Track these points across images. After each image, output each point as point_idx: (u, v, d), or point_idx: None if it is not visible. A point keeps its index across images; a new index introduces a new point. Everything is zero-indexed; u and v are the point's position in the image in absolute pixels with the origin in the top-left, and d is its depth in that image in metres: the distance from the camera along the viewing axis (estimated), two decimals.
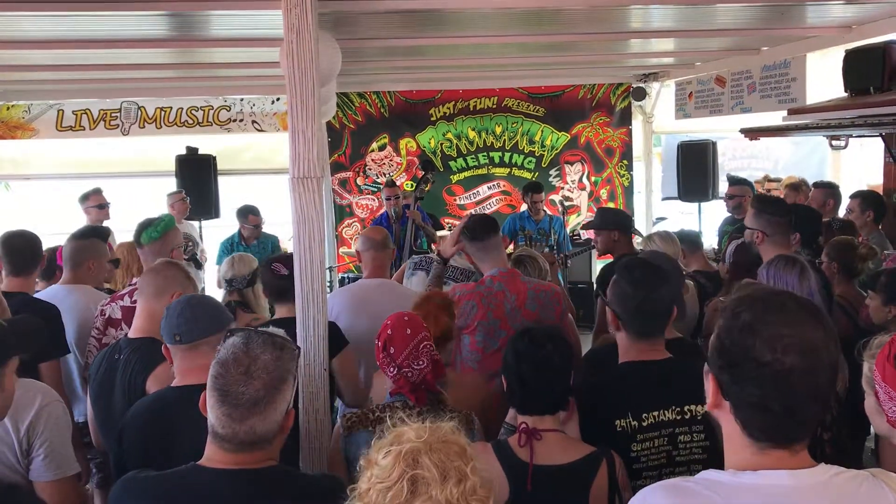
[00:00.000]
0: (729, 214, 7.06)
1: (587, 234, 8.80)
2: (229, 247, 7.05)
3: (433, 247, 6.37)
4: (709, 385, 1.55)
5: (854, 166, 10.74)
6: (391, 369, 2.57)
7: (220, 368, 1.89)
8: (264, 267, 3.74)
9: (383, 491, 1.51)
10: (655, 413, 2.40)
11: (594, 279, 7.82)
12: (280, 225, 9.16)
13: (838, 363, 1.47)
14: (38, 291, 4.29)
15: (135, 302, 3.64)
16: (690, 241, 5.03)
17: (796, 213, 4.50)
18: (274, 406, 1.88)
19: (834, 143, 5.74)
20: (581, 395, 2.48)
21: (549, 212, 8.09)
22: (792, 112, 5.79)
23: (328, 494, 1.93)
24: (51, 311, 3.64)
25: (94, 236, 4.25)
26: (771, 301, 1.50)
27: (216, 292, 6.01)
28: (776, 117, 6.19)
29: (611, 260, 5.42)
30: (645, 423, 2.39)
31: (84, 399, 4.02)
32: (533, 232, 7.57)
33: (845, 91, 5.24)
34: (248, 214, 7.29)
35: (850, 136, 5.58)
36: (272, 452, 1.94)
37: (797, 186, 6.82)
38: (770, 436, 1.47)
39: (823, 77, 6.29)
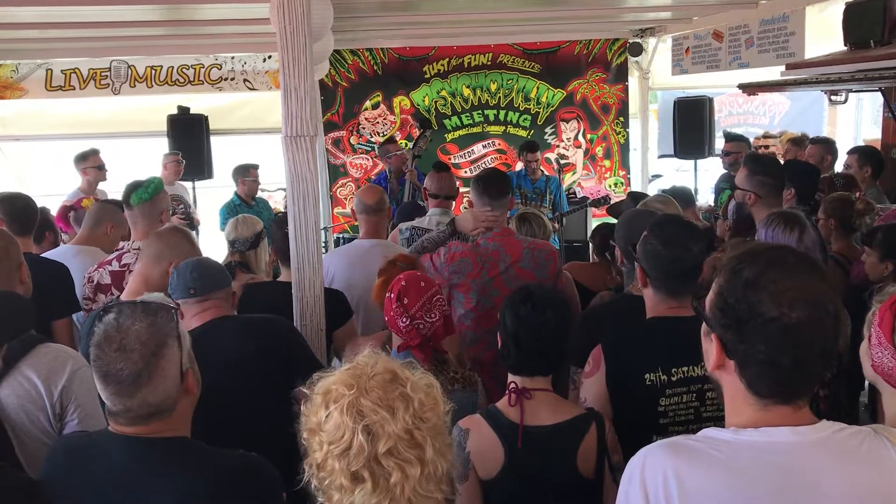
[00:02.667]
0: (725, 171, 7.03)
1: (583, 192, 8.79)
2: (233, 209, 7.05)
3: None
4: (711, 346, 1.53)
5: (850, 122, 10.68)
6: (403, 320, 2.56)
7: (96, 350, 1.84)
8: (276, 225, 3.76)
9: (343, 453, 1.49)
10: (685, 368, 2.39)
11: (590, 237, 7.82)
12: (273, 185, 9.11)
13: (842, 316, 1.45)
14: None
15: (123, 266, 3.70)
16: (682, 197, 5.02)
17: (792, 167, 4.47)
18: (160, 373, 1.83)
19: (833, 97, 5.69)
20: (609, 348, 2.47)
21: (545, 171, 8.04)
22: (790, 67, 5.72)
23: (239, 475, 1.89)
24: (61, 270, 3.72)
25: (114, 203, 4.33)
26: (771, 256, 1.49)
27: (216, 257, 6.00)
28: (774, 72, 6.12)
29: (606, 218, 5.43)
30: (674, 378, 2.38)
31: None
32: (529, 191, 7.52)
33: (845, 45, 5.17)
34: (250, 169, 7.32)
35: (850, 90, 5.53)
36: (176, 422, 1.90)
37: (799, 141, 6.79)
38: (776, 391, 1.47)
39: (823, 31, 6.20)
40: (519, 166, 8.05)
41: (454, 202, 5.00)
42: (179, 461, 1.87)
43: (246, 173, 7.35)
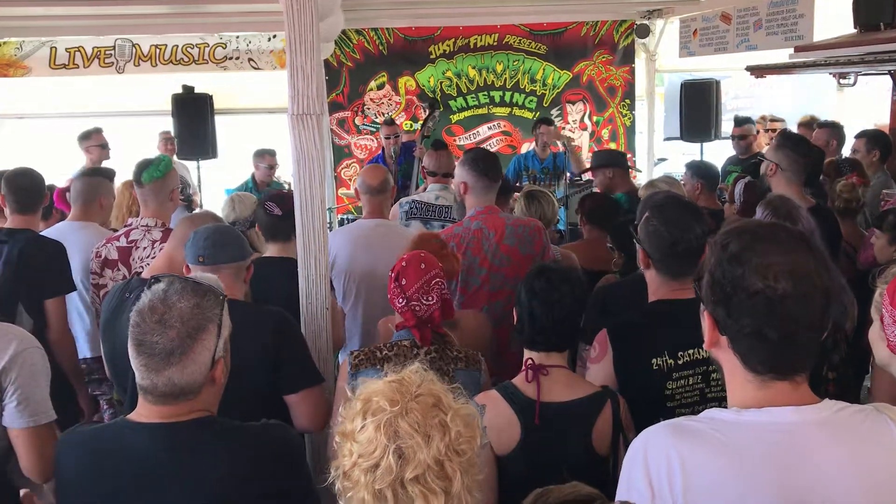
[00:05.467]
0: (734, 154, 7.00)
1: (588, 176, 8.74)
2: (240, 187, 7.06)
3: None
4: (705, 323, 1.54)
5: (857, 107, 10.61)
6: (400, 300, 2.58)
7: (136, 317, 1.82)
8: (258, 204, 3.75)
9: (370, 469, 1.48)
10: (690, 351, 2.39)
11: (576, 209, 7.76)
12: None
13: (831, 290, 1.44)
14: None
15: (131, 242, 3.70)
16: (710, 177, 5.00)
17: None
18: (192, 356, 1.81)
19: (842, 80, 5.65)
20: (615, 334, 2.47)
21: (551, 150, 7.95)
22: (799, 49, 5.68)
23: (270, 446, 1.90)
24: (57, 248, 3.69)
25: (100, 175, 4.29)
26: (758, 230, 1.50)
27: None
28: (782, 55, 6.08)
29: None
30: (680, 362, 2.39)
31: (84, 336, 4.07)
32: (538, 171, 7.44)
33: (854, 27, 5.14)
34: (265, 154, 7.30)
35: (859, 73, 5.49)
36: (202, 404, 1.88)
37: (809, 124, 6.74)
38: (771, 366, 1.46)
39: (832, 13, 6.16)
40: (524, 148, 7.99)
41: (452, 179, 5.02)
42: (208, 444, 1.85)
43: (261, 159, 7.35)
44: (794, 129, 7.23)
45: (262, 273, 3.39)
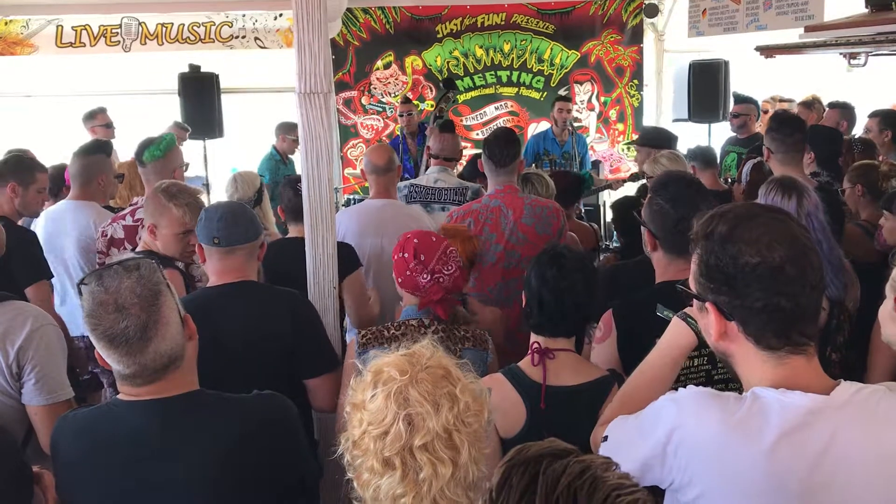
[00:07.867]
0: (733, 134, 6.95)
1: (595, 155, 8.70)
2: (272, 162, 7.41)
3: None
4: (708, 318, 1.54)
5: (867, 88, 10.53)
6: (424, 276, 2.57)
7: (92, 320, 1.77)
8: (287, 186, 3.72)
9: (380, 436, 1.49)
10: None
11: (600, 201, 7.76)
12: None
13: (815, 249, 1.48)
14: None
15: (137, 221, 3.69)
16: (704, 156, 4.95)
17: (813, 132, 4.42)
18: (164, 321, 1.80)
19: (852, 61, 5.59)
20: (619, 314, 2.47)
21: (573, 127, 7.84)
22: (809, 29, 5.62)
23: (262, 415, 1.92)
24: (26, 236, 3.69)
25: (98, 151, 4.26)
26: (738, 211, 1.53)
27: None
28: (792, 35, 6.01)
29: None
30: None
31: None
32: (557, 157, 7.35)
33: (866, 7, 5.08)
34: (293, 128, 7.35)
35: (870, 53, 5.43)
36: (187, 372, 1.89)
37: (810, 104, 6.68)
38: (786, 337, 1.47)
39: None
40: (531, 129, 7.91)
41: (455, 164, 5.01)
42: (202, 416, 1.86)
43: (289, 131, 7.40)
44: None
45: (284, 252, 3.39)
